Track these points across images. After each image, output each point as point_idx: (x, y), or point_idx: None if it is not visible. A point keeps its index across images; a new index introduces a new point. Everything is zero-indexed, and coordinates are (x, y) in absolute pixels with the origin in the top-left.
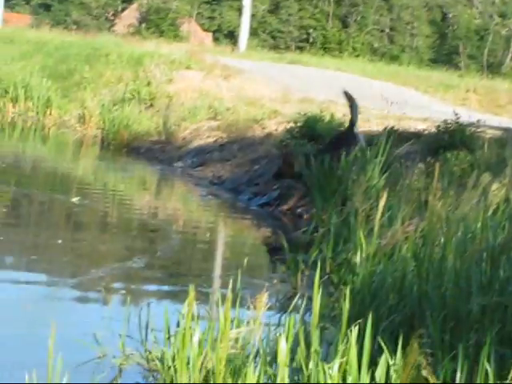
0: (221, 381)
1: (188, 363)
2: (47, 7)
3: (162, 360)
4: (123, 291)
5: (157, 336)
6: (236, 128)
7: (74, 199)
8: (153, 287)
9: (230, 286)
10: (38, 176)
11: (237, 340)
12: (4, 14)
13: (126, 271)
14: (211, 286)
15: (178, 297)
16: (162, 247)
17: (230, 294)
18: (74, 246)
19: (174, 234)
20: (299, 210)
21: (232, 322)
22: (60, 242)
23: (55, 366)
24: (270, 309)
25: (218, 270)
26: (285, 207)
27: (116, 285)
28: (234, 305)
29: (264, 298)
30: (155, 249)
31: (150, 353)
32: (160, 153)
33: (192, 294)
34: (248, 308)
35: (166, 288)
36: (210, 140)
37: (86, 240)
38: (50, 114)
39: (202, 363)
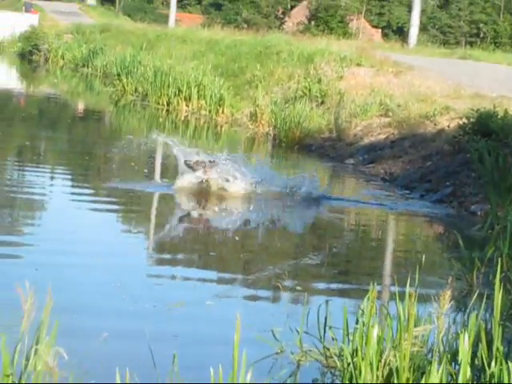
0: (404, 380)
1: (369, 361)
2: (218, 6)
3: (340, 357)
4: (299, 288)
5: (335, 333)
6: (407, 124)
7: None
8: (328, 284)
9: (408, 282)
10: None
11: (416, 337)
12: (176, 14)
13: (301, 268)
14: (385, 283)
15: (352, 294)
16: (335, 244)
17: (411, 291)
18: (247, 242)
19: (345, 232)
20: (473, 207)
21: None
22: (237, 238)
23: (240, 361)
24: None
25: (390, 267)
26: (458, 204)
27: (292, 282)
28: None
29: (447, 296)
30: (329, 246)
31: (328, 349)
32: (331, 150)
33: (373, 290)
34: (424, 305)
35: (340, 285)
36: (382, 137)
37: (256, 237)
38: (223, 112)
39: (385, 361)
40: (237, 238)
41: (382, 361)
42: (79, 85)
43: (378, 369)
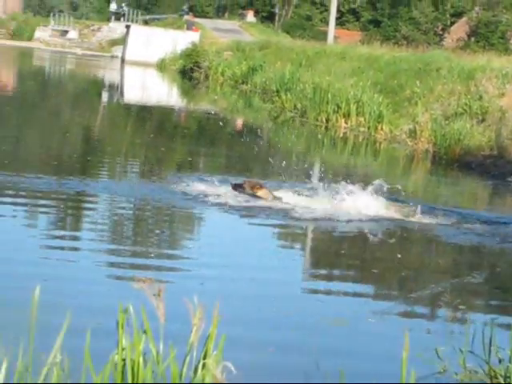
0: None
1: None
2: (377, 23)
3: (507, 378)
4: (461, 306)
5: (500, 353)
6: None
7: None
8: (491, 303)
9: None
10: None
11: None
12: (335, 31)
13: (462, 286)
14: None
15: None
16: (497, 263)
17: None
18: (407, 259)
19: (508, 250)
20: None
21: None
22: (399, 256)
23: (408, 379)
24: None
25: None
26: None
27: (453, 299)
28: None
29: None
30: (491, 264)
31: (494, 370)
32: (492, 167)
33: None
34: None
35: (504, 304)
36: None
37: (416, 254)
38: (381, 128)
39: None
40: (399, 256)
41: None
42: (238, 101)
43: None
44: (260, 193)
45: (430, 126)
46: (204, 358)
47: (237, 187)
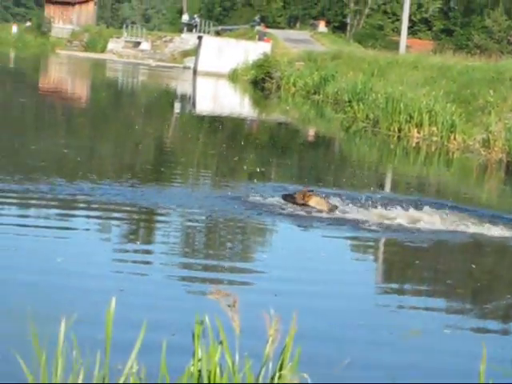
0: None
1: None
2: (449, 32)
3: None
4: None
5: None
6: None
7: None
8: None
9: None
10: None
11: None
12: (407, 41)
13: None
14: None
15: None
16: None
17: None
18: (479, 271)
19: None
20: None
21: None
22: (473, 266)
23: None
24: None
25: None
26: None
27: None
28: None
29: None
30: None
31: None
32: None
33: None
34: None
35: None
36: None
37: (490, 266)
38: (454, 138)
39: None
40: (473, 267)
41: None
42: (310, 111)
43: None
44: (312, 202)
45: (503, 135)
46: (280, 370)
47: (288, 198)
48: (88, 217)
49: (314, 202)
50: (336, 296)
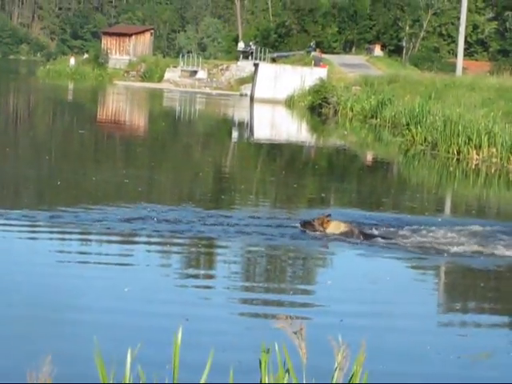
0: None
1: None
2: (506, 53)
3: None
4: None
5: None
6: None
7: None
8: None
9: None
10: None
11: None
12: (463, 62)
13: None
14: None
15: None
16: None
17: None
18: None
19: None
20: None
21: None
22: None
23: None
24: None
25: None
26: None
27: None
28: None
29: None
30: None
31: None
32: None
33: None
34: None
35: None
36: None
37: None
38: None
39: None
40: None
41: None
42: (368, 136)
43: None
44: (330, 228)
45: None
46: None
47: (306, 225)
48: (149, 243)
49: (332, 227)
50: (400, 316)
